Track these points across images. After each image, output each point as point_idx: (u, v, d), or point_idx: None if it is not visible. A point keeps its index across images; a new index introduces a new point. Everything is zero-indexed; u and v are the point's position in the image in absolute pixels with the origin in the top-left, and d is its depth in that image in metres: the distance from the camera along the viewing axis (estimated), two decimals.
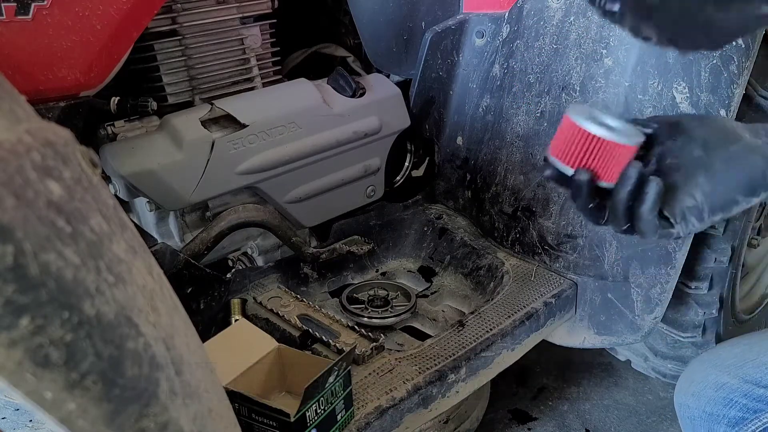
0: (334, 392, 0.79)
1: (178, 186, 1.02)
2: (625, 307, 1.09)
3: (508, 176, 1.21)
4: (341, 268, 1.25)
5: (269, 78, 1.26)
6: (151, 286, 0.43)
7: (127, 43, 0.89)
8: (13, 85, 0.42)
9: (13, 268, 0.32)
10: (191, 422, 0.44)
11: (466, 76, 1.28)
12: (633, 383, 1.51)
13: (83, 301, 0.36)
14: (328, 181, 1.23)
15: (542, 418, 1.42)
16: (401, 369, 0.93)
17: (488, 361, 1.01)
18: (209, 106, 1.08)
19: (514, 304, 1.08)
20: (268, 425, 0.76)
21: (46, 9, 0.76)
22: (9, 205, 0.32)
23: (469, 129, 1.29)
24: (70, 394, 0.35)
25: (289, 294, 1.09)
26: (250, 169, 1.09)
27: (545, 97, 1.13)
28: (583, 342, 1.17)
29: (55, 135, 0.38)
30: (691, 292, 1.24)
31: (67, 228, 0.35)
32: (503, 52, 1.20)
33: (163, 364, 0.41)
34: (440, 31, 1.27)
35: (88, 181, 0.39)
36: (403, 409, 0.89)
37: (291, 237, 1.11)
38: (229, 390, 0.76)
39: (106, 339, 0.37)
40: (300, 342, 0.97)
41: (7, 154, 0.34)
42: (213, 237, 1.02)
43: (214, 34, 1.14)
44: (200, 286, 1.02)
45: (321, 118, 1.17)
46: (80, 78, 0.83)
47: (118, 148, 1.00)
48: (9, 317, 0.32)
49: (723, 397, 0.81)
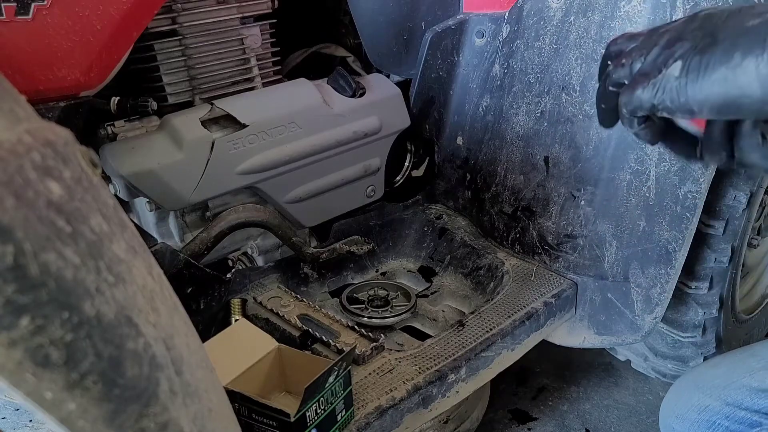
0: (334, 392, 0.79)
1: (178, 186, 1.02)
2: (625, 307, 1.09)
3: (508, 176, 1.21)
4: (341, 268, 1.25)
5: (269, 78, 1.26)
6: (151, 286, 0.43)
7: (127, 43, 0.89)
8: (13, 85, 0.42)
9: (13, 268, 0.32)
10: (191, 422, 0.44)
11: (466, 76, 1.28)
12: (633, 383, 1.51)
13: (83, 301, 0.36)
14: (328, 181, 1.23)
15: (542, 418, 1.42)
16: (401, 369, 0.93)
17: (488, 361, 1.01)
18: (209, 106, 1.08)
19: (514, 304, 1.08)
20: (268, 425, 0.76)
21: (46, 9, 0.76)
22: (9, 205, 0.32)
23: (469, 129, 1.29)
24: (70, 394, 0.35)
25: (289, 294, 1.09)
26: (250, 169, 1.09)
27: (545, 97, 1.13)
28: (583, 342, 1.17)
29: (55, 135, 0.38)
30: (691, 292, 1.24)
31: (67, 228, 0.35)
32: (503, 52, 1.20)
33: (163, 364, 0.41)
34: (440, 31, 1.27)
35: (88, 181, 0.39)
36: (403, 409, 0.89)
37: (291, 237, 1.11)
38: (229, 390, 0.76)
39: (106, 339, 0.37)
40: (300, 342, 0.97)
41: (7, 154, 0.34)
42: (213, 237, 1.02)
43: (214, 34, 1.14)
44: (200, 286, 1.02)
45: (321, 118, 1.17)
46: (80, 78, 0.83)
47: (118, 148, 1.00)
48: (9, 317, 0.32)
49: (706, 420, 0.83)
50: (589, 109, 1.06)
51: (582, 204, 1.09)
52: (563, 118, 1.10)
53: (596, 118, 1.13)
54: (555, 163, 1.13)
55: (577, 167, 1.09)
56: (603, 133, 1.05)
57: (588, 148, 1.07)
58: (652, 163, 1.00)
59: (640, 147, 1.00)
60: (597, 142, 1.06)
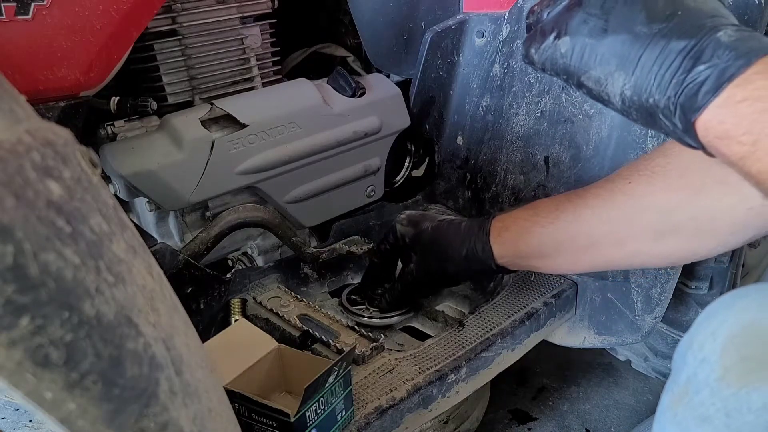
0: (334, 392, 0.79)
1: (178, 186, 1.02)
2: (625, 307, 1.09)
3: (508, 176, 1.21)
4: (341, 268, 1.25)
5: (269, 78, 1.26)
6: (151, 286, 0.43)
7: (127, 43, 0.89)
8: (13, 85, 0.42)
9: (13, 268, 0.32)
10: (191, 422, 0.44)
11: (466, 76, 1.28)
12: (633, 383, 1.51)
13: (83, 301, 0.36)
14: (328, 181, 1.23)
15: (542, 418, 1.42)
16: (401, 369, 0.93)
17: (488, 361, 1.01)
18: (209, 106, 1.08)
19: (514, 304, 1.08)
20: (268, 425, 0.76)
21: (46, 9, 0.76)
22: (9, 205, 0.32)
23: (469, 129, 1.29)
24: (70, 394, 0.35)
25: (289, 294, 1.09)
26: (250, 169, 1.09)
27: (545, 97, 1.13)
28: (583, 342, 1.17)
29: (55, 135, 0.38)
30: (691, 292, 1.24)
31: (67, 228, 0.35)
32: (503, 51, 1.20)
33: (163, 364, 0.41)
34: (440, 31, 1.27)
35: (88, 181, 0.39)
36: (403, 409, 0.89)
37: (291, 237, 1.11)
38: (229, 390, 0.76)
39: (106, 339, 0.37)
40: (300, 342, 0.97)
41: (6, 154, 0.34)
42: (213, 237, 1.02)
43: (214, 34, 1.14)
44: (200, 286, 1.02)
45: (321, 118, 1.17)
46: (80, 78, 0.82)
47: (118, 148, 1.00)
48: (9, 317, 0.32)
49: None
50: (589, 109, 1.06)
51: None
52: (563, 118, 1.10)
53: (597, 117, 1.14)
54: (555, 163, 1.13)
55: (577, 167, 1.09)
56: (603, 133, 1.05)
57: (588, 148, 1.07)
58: None
59: (640, 147, 1.00)
60: (597, 142, 1.06)
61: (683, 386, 0.60)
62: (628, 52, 0.61)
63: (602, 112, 1.05)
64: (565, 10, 0.67)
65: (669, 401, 0.62)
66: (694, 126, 0.59)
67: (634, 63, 0.61)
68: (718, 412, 0.55)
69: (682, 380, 0.60)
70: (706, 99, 0.57)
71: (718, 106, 0.56)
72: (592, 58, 0.65)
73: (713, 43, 0.57)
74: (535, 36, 0.70)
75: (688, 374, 0.60)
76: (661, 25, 0.60)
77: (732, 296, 0.62)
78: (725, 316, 0.60)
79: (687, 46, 0.58)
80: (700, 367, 0.58)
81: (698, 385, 0.58)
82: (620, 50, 0.62)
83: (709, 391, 0.56)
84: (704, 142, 0.60)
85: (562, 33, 0.67)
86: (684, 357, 0.62)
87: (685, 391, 0.59)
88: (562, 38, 0.66)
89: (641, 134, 1.00)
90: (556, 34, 0.67)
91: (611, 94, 0.65)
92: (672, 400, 0.61)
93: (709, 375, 0.57)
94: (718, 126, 0.57)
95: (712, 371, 0.57)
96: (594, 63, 0.65)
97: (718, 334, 0.58)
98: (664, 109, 0.60)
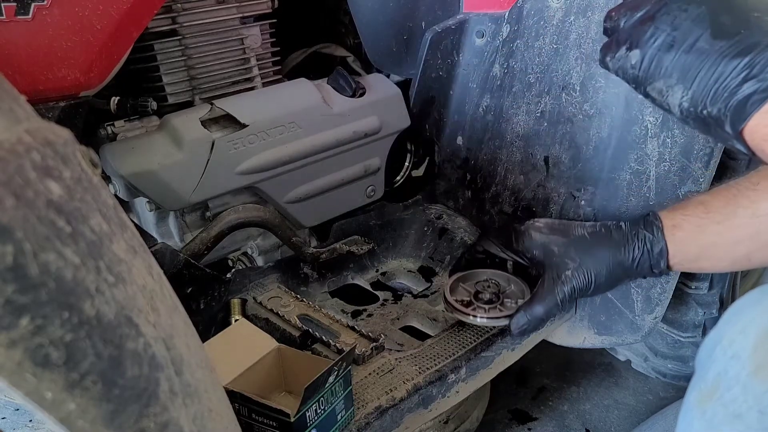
0: (334, 392, 0.79)
1: (178, 186, 1.02)
2: (625, 307, 1.09)
3: (508, 176, 1.21)
4: (341, 268, 1.25)
5: (269, 78, 1.26)
6: (151, 286, 0.43)
7: (127, 43, 0.89)
8: (13, 85, 0.42)
9: (13, 268, 0.32)
10: (191, 422, 0.44)
11: (466, 76, 1.28)
12: (633, 383, 1.51)
13: (83, 301, 0.36)
14: (328, 181, 1.23)
15: (542, 418, 1.42)
16: (401, 369, 0.93)
17: (488, 361, 1.01)
18: (209, 106, 1.08)
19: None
20: (268, 425, 0.76)
21: (46, 9, 0.76)
22: (9, 205, 0.32)
23: (469, 129, 1.29)
24: (70, 394, 0.35)
25: (289, 294, 1.09)
26: (250, 169, 1.09)
27: (545, 97, 1.13)
28: (583, 342, 1.17)
29: (55, 135, 0.38)
30: (691, 292, 1.24)
31: (67, 228, 0.35)
32: (503, 52, 1.20)
33: (163, 364, 0.41)
34: (440, 31, 1.27)
35: (88, 181, 0.39)
36: (403, 409, 0.89)
37: (291, 237, 1.11)
38: (229, 390, 0.76)
39: (106, 339, 0.37)
40: (300, 342, 0.97)
41: (6, 154, 0.34)
42: (213, 237, 1.02)
43: (214, 34, 1.14)
44: (200, 286, 1.02)
45: (321, 118, 1.17)
46: (80, 78, 0.83)
47: (118, 148, 1.00)
48: (9, 317, 0.32)
49: None
50: (589, 108, 1.06)
51: (582, 204, 1.09)
52: (563, 118, 1.10)
53: (597, 118, 1.14)
54: (555, 163, 1.13)
55: (577, 167, 1.09)
56: (603, 133, 1.05)
57: (588, 148, 1.07)
58: (652, 163, 1.00)
59: (640, 147, 1.00)
60: (597, 142, 1.06)
61: (712, 383, 0.60)
62: (688, 67, 0.67)
63: (602, 113, 1.05)
64: (639, 23, 0.72)
65: (696, 398, 0.62)
66: (742, 133, 0.65)
67: (692, 78, 0.67)
68: (751, 409, 0.55)
69: (710, 377, 0.61)
70: (753, 109, 0.63)
71: (765, 112, 0.62)
72: (657, 70, 0.70)
73: (764, 60, 0.63)
74: (610, 45, 0.76)
75: (717, 371, 0.60)
76: (722, 42, 0.65)
77: (760, 293, 0.63)
78: (755, 313, 0.61)
79: (740, 64, 0.64)
80: (730, 364, 0.59)
81: (729, 381, 0.58)
82: (682, 65, 0.68)
83: (741, 388, 0.56)
84: (752, 146, 0.65)
85: (633, 45, 0.72)
86: (711, 354, 0.62)
87: (715, 388, 0.60)
88: (633, 50, 0.72)
89: (641, 134, 1.00)
90: (628, 46, 0.72)
91: (672, 105, 0.70)
92: (699, 397, 0.61)
93: (741, 371, 0.57)
94: (763, 129, 0.63)
95: (743, 367, 0.57)
96: (658, 75, 0.70)
97: (749, 330, 0.59)
98: (717, 119, 0.66)
